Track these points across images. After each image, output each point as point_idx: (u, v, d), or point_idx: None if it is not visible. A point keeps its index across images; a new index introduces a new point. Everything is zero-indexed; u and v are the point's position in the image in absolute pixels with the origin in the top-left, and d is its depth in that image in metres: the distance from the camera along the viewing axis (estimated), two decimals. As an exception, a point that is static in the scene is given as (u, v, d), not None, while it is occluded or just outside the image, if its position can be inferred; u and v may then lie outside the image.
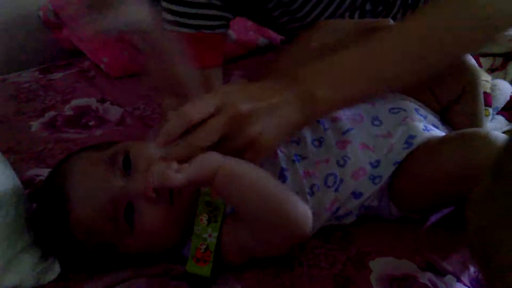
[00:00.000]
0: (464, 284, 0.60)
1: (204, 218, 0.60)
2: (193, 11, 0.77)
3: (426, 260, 0.63)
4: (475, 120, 0.74)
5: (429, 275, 0.61)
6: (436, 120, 0.74)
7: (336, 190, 0.65)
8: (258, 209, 0.56)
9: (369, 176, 0.66)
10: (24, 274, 0.61)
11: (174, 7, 0.77)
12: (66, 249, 0.61)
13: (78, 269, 0.63)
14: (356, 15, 0.88)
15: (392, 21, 0.78)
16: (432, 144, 0.66)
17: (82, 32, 1.27)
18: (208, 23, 0.78)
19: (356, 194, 0.65)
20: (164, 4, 0.77)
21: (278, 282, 0.61)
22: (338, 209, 0.66)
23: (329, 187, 0.64)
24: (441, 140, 0.67)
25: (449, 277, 0.61)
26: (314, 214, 0.59)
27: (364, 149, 0.66)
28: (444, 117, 0.76)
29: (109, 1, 0.61)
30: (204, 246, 0.59)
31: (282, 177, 0.65)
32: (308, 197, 0.64)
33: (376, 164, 0.66)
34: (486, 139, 0.62)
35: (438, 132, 0.70)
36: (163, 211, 0.59)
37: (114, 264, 0.62)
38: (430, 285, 0.60)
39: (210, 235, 0.59)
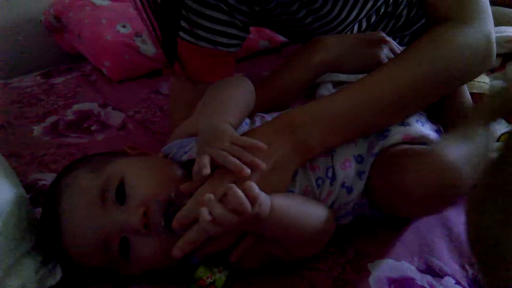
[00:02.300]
0: (462, 286, 0.61)
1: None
2: (215, 26, 0.77)
3: (425, 262, 0.64)
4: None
5: (428, 277, 0.61)
6: (421, 117, 0.74)
7: (331, 183, 0.66)
8: (299, 236, 0.59)
9: (356, 172, 0.66)
10: (27, 278, 0.61)
11: (197, 20, 0.77)
12: (64, 264, 0.62)
13: (79, 278, 0.64)
14: (373, 18, 0.90)
15: (382, 33, 0.80)
16: (392, 159, 0.65)
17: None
18: (225, 40, 0.79)
19: (348, 189, 0.66)
20: (188, 15, 0.77)
21: (278, 285, 0.61)
22: (333, 203, 0.66)
23: (328, 178, 0.66)
24: (399, 154, 0.65)
25: (447, 279, 0.61)
26: None
27: (349, 143, 0.68)
28: (433, 114, 0.77)
29: None
30: (209, 280, 0.57)
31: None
32: (316, 189, 0.65)
33: (360, 160, 0.67)
34: (430, 160, 0.60)
35: (412, 129, 0.68)
36: (160, 243, 0.57)
37: (113, 277, 0.62)
38: (428, 287, 0.60)
39: (220, 271, 0.58)
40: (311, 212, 0.61)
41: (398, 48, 0.82)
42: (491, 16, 0.69)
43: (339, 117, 0.63)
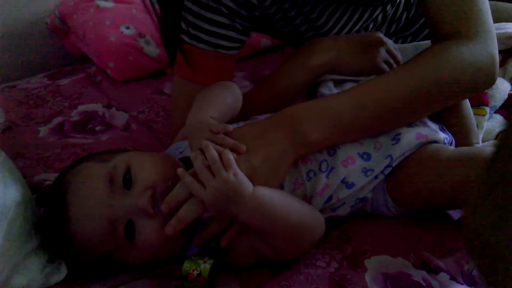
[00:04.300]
0: (458, 282, 0.62)
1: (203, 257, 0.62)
2: (215, 30, 0.79)
3: (421, 258, 0.65)
4: (463, 115, 0.76)
5: (423, 273, 0.62)
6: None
7: (327, 176, 0.67)
8: (282, 229, 0.60)
9: (362, 169, 0.68)
10: (32, 275, 0.63)
11: (198, 23, 0.79)
12: (69, 257, 0.64)
13: (83, 272, 0.66)
14: (371, 26, 0.92)
15: (381, 33, 0.81)
16: (438, 154, 0.68)
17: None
18: (225, 43, 0.80)
19: (348, 184, 0.68)
20: (189, 17, 0.79)
21: (275, 281, 0.62)
22: (330, 197, 0.68)
23: (322, 172, 0.67)
24: (449, 154, 0.68)
25: (442, 275, 0.62)
26: (309, 197, 0.67)
27: (353, 141, 0.69)
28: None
29: None
30: (196, 272, 0.59)
31: None
32: (306, 182, 0.67)
33: (366, 157, 0.68)
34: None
35: (422, 128, 0.71)
36: (163, 226, 0.59)
37: (117, 270, 0.65)
38: (423, 283, 0.61)
39: (204, 262, 0.60)
40: (296, 208, 0.62)
41: (395, 49, 0.83)
42: (495, 35, 0.70)
43: (342, 116, 0.65)
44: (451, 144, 0.75)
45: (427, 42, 0.87)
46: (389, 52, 0.80)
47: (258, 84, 0.86)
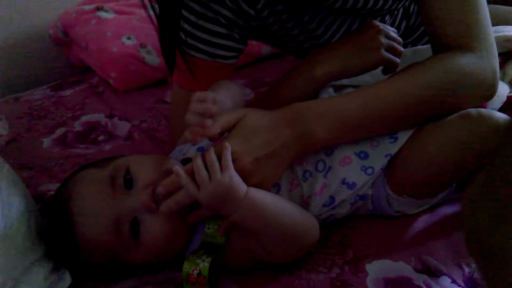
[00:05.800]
0: (458, 285, 0.62)
1: (201, 252, 0.62)
2: (213, 39, 0.79)
3: (422, 262, 0.65)
4: None
5: (424, 277, 0.63)
6: None
7: (325, 176, 0.68)
8: (274, 231, 0.61)
9: (361, 167, 0.68)
10: (36, 285, 0.64)
11: (197, 33, 0.79)
12: (74, 262, 0.65)
13: (88, 279, 0.66)
14: None
15: (374, 21, 0.79)
16: (430, 128, 0.69)
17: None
18: (223, 53, 0.81)
19: (349, 184, 0.68)
20: (187, 27, 0.79)
21: (276, 286, 0.63)
22: (333, 200, 0.68)
23: (319, 171, 0.68)
24: (439, 123, 0.69)
25: (443, 278, 0.62)
26: (307, 198, 0.67)
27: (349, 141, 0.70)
28: None
29: None
30: (196, 272, 0.60)
31: None
32: (302, 182, 0.68)
33: (363, 156, 0.69)
34: (487, 118, 0.66)
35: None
36: (167, 220, 0.61)
37: (122, 274, 0.65)
38: (424, 287, 0.61)
39: (203, 261, 0.61)
40: (289, 211, 0.63)
41: (394, 31, 0.81)
42: (496, 49, 0.71)
43: (347, 117, 0.66)
44: None
45: (426, 47, 0.87)
46: (389, 37, 0.79)
47: (261, 95, 0.87)
